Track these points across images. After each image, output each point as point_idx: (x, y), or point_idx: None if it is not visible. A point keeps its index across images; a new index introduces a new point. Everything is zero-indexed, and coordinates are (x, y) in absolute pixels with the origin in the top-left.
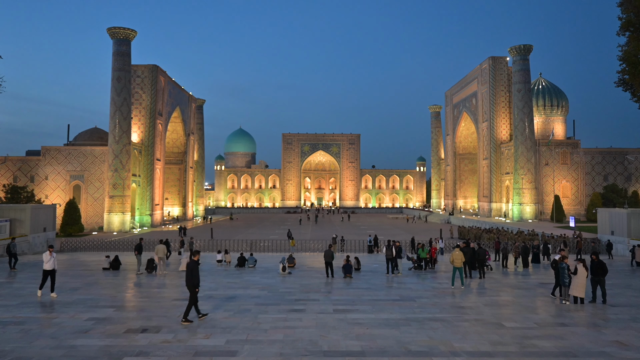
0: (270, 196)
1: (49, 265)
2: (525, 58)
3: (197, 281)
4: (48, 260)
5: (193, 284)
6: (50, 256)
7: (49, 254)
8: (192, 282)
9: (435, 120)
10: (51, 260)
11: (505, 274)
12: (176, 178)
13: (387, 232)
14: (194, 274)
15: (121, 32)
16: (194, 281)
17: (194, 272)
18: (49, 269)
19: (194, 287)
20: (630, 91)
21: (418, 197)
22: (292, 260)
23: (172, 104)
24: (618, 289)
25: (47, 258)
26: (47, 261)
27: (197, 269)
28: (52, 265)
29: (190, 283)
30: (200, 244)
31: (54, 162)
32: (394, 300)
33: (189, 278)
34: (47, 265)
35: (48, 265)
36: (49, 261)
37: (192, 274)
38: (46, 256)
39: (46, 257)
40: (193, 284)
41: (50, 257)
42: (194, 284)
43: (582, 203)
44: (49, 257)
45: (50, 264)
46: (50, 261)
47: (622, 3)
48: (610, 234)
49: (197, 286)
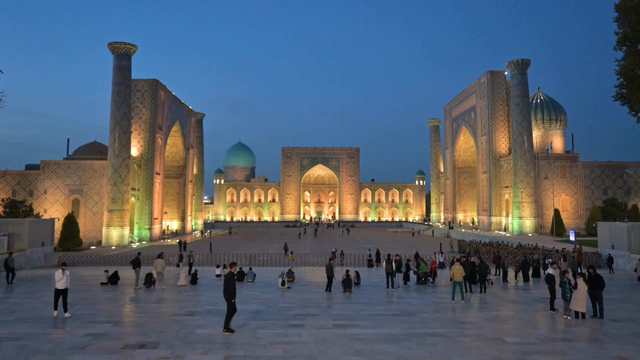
0: (269, 210)
1: (61, 284)
2: (523, 72)
3: (234, 292)
4: (60, 278)
5: (229, 294)
6: (63, 274)
7: (61, 272)
8: (228, 293)
9: (435, 134)
10: (63, 278)
11: (505, 289)
12: (175, 192)
13: (387, 246)
14: (230, 285)
15: (122, 47)
16: (230, 292)
17: (230, 283)
18: (60, 288)
19: (230, 298)
20: (627, 105)
21: (418, 211)
22: (292, 275)
23: (171, 118)
24: (619, 303)
25: (59, 276)
26: (59, 279)
27: (233, 281)
28: (65, 284)
29: (227, 294)
30: (200, 259)
31: (53, 176)
32: (394, 315)
33: (225, 289)
34: (58, 284)
35: (60, 284)
36: (61, 280)
37: (228, 285)
38: (58, 274)
39: (58, 276)
40: (229, 294)
41: (62, 275)
42: (230, 295)
43: (582, 217)
44: (62, 276)
45: (63, 282)
46: (63, 279)
47: (618, 18)
48: (611, 248)
49: (234, 297)
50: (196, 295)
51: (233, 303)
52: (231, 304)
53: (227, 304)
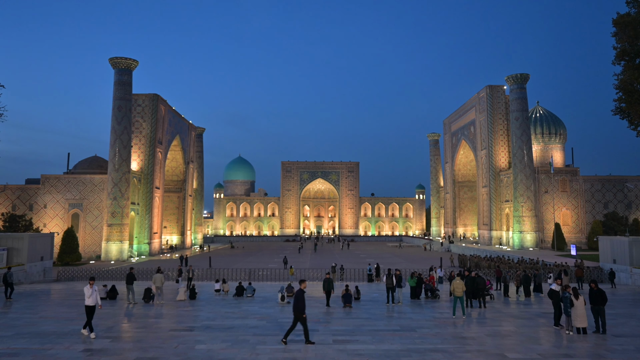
0: (269, 224)
1: (91, 300)
2: (522, 87)
3: (303, 307)
4: (90, 294)
5: (300, 309)
6: (92, 289)
7: (89, 287)
8: (298, 309)
9: (434, 148)
10: (93, 294)
11: (506, 304)
12: (175, 206)
13: (387, 261)
14: (300, 300)
15: (123, 62)
16: (299, 307)
17: (300, 299)
18: (91, 305)
19: (301, 313)
20: (627, 119)
21: (418, 225)
22: (291, 290)
23: (172, 133)
24: (622, 318)
25: (88, 292)
26: (88, 296)
27: (303, 297)
28: (95, 300)
29: (297, 309)
30: (199, 273)
31: (53, 190)
32: (395, 330)
33: (296, 305)
34: (88, 300)
35: (90, 300)
36: (91, 296)
37: (298, 301)
38: (87, 290)
39: (87, 291)
40: (300, 309)
41: (91, 290)
42: (300, 310)
43: (583, 231)
44: (90, 291)
45: (93, 298)
46: (93, 295)
47: (616, 33)
48: (612, 262)
49: (303, 312)
50: (195, 311)
51: (304, 318)
52: (303, 318)
53: (299, 319)
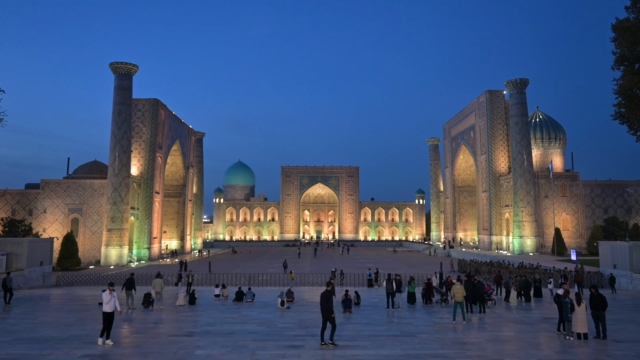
0: (269, 229)
1: (110, 306)
2: (522, 92)
3: (331, 307)
4: (108, 300)
5: (328, 310)
6: (111, 295)
7: (109, 293)
8: (327, 309)
9: (434, 153)
10: (112, 300)
11: (507, 309)
12: (175, 211)
13: (387, 266)
14: (329, 302)
15: (123, 67)
16: (329, 308)
17: (328, 300)
18: (109, 311)
19: (329, 313)
20: (627, 124)
21: (418, 230)
22: (291, 295)
23: (172, 137)
24: (622, 324)
25: (107, 298)
26: (107, 302)
27: (331, 298)
28: (113, 306)
29: (326, 310)
30: (199, 278)
31: (53, 195)
32: (395, 335)
33: (323, 306)
34: (107, 306)
35: (108, 306)
36: (110, 302)
37: (326, 302)
38: (106, 296)
39: (106, 297)
40: (328, 310)
41: (110, 296)
42: (329, 310)
43: (583, 236)
44: (109, 297)
45: (111, 304)
46: (111, 302)
47: (616, 38)
48: (613, 267)
49: (332, 312)
50: (194, 316)
51: (333, 317)
52: (332, 319)
53: (328, 319)
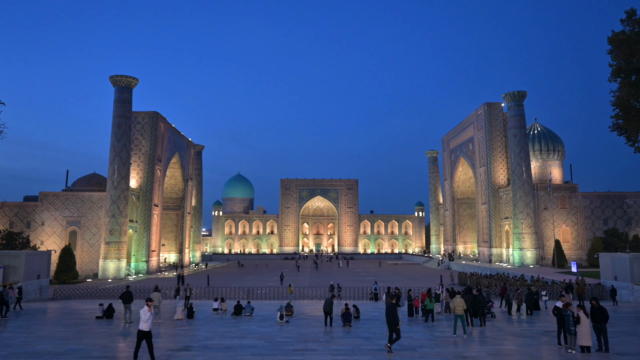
0: (268, 242)
1: (147, 325)
2: (520, 104)
3: (397, 319)
4: (147, 318)
5: (394, 321)
6: (150, 312)
7: (147, 310)
8: (392, 320)
9: (433, 166)
10: (150, 318)
11: (509, 322)
12: (173, 224)
13: (386, 279)
14: (394, 313)
15: (123, 80)
16: (394, 319)
17: (394, 312)
18: (145, 330)
19: (395, 324)
20: (624, 135)
21: (417, 243)
22: (290, 308)
23: (171, 150)
24: (624, 336)
25: (146, 316)
26: (145, 320)
27: (395, 310)
28: (150, 325)
29: (391, 321)
30: (197, 292)
31: (51, 207)
32: (395, 350)
33: (389, 318)
34: (144, 325)
35: (146, 325)
36: (148, 320)
37: (392, 314)
38: (144, 313)
39: (145, 315)
40: (394, 321)
41: (149, 314)
42: (395, 322)
43: (583, 248)
44: (148, 315)
45: (149, 323)
46: (150, 320)
47: (612, 50)
48: (614, 279)
49: (397, 323)
50: (192, 330)
51: (398, 329)
52: (397, 330)
53: (393, 330)
